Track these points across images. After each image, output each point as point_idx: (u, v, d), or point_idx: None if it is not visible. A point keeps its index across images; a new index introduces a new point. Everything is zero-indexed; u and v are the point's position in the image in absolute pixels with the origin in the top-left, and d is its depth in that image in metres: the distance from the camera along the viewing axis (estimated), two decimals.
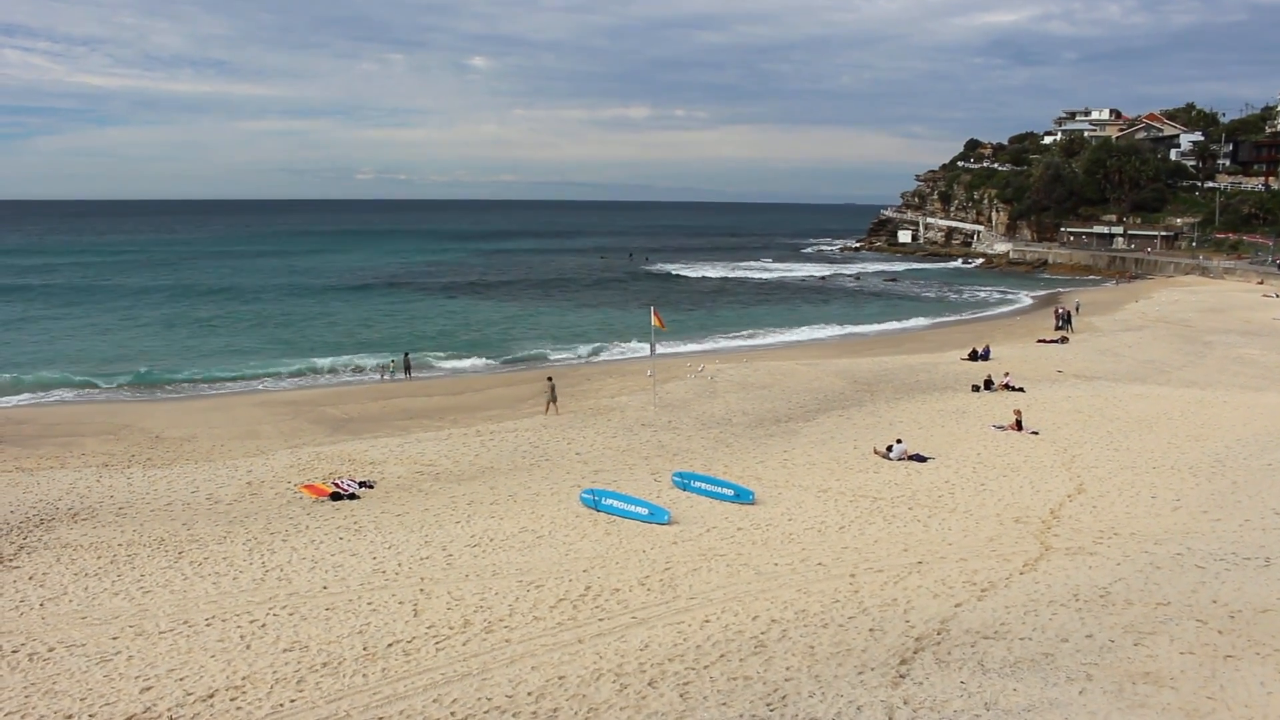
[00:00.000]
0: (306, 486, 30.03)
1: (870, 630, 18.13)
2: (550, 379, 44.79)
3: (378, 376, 54.39)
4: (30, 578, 22.18)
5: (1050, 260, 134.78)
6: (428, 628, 18.90)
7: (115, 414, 43.66)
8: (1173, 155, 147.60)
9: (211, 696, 16.10)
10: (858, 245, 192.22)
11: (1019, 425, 35.29)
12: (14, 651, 18.16)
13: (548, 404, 41.85)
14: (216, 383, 52.74)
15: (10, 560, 23.42)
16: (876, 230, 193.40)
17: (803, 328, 77.08)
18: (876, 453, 32.45)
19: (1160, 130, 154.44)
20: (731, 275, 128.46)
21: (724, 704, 15.33)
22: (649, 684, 16.13)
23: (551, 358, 61.73)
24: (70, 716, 15.58)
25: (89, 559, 23.41)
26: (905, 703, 15.12)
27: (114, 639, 18.65)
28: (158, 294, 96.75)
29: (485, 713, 15.31)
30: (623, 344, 66.41)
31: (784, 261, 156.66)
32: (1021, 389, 43.33)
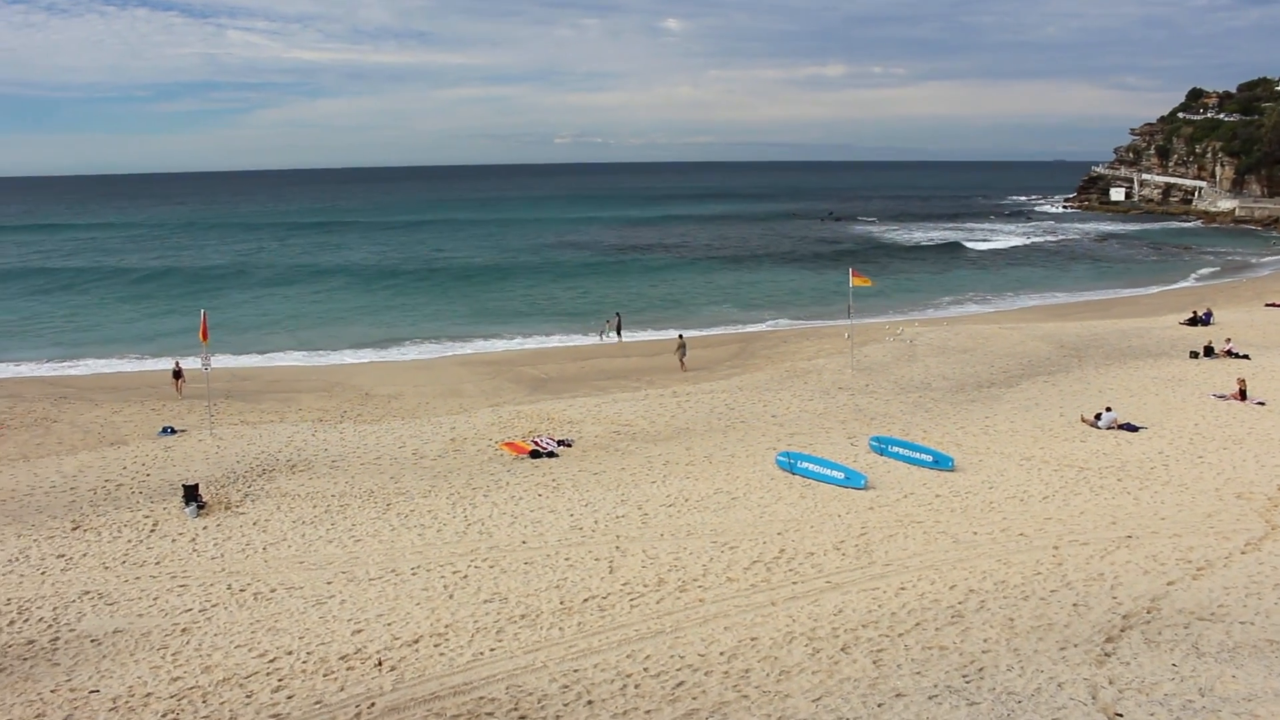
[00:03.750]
0: (507, 444, 30.87)
1: (1074, 605, 17.37)
2: (681, 336, 47.30)
3: (585, 338, 55.26)
4: (254, 523, 23.65)
5: None
6: (623, 585, 19.17)
7: (328, 372, 45.99)
8: None
9: (417, 642, 16.78)
10: (1066, 204, 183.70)
11: (1243, 395, 33.10)
12: (241, 590, 19.45)
13: (680, 361, 44.57)
14: (421, 343, 54.77)
15: (237, 507, 25.02)
16: (1086, 188, 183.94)
17: (1007, 290, 74.35)
18: (1084, 421, 31.06)
19: None
20: (932, 236, 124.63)
21: (918, 673, 14.98)
22: (842, 649, 15.92)
23: (747, 320, 61.49)
24: (290, 652, 16.54)
25: (305, 508, 24.77)
26: (1110, 682, 14.41)
27: (328, 583, 19.69)
28: (370, 266, 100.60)
29: (677, 670, 15.42)
30: (819, 305, 65.54)
31: (987, 222, 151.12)
32: (1246, 356, 40.67)
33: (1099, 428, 30.31)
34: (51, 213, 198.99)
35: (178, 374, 41.15)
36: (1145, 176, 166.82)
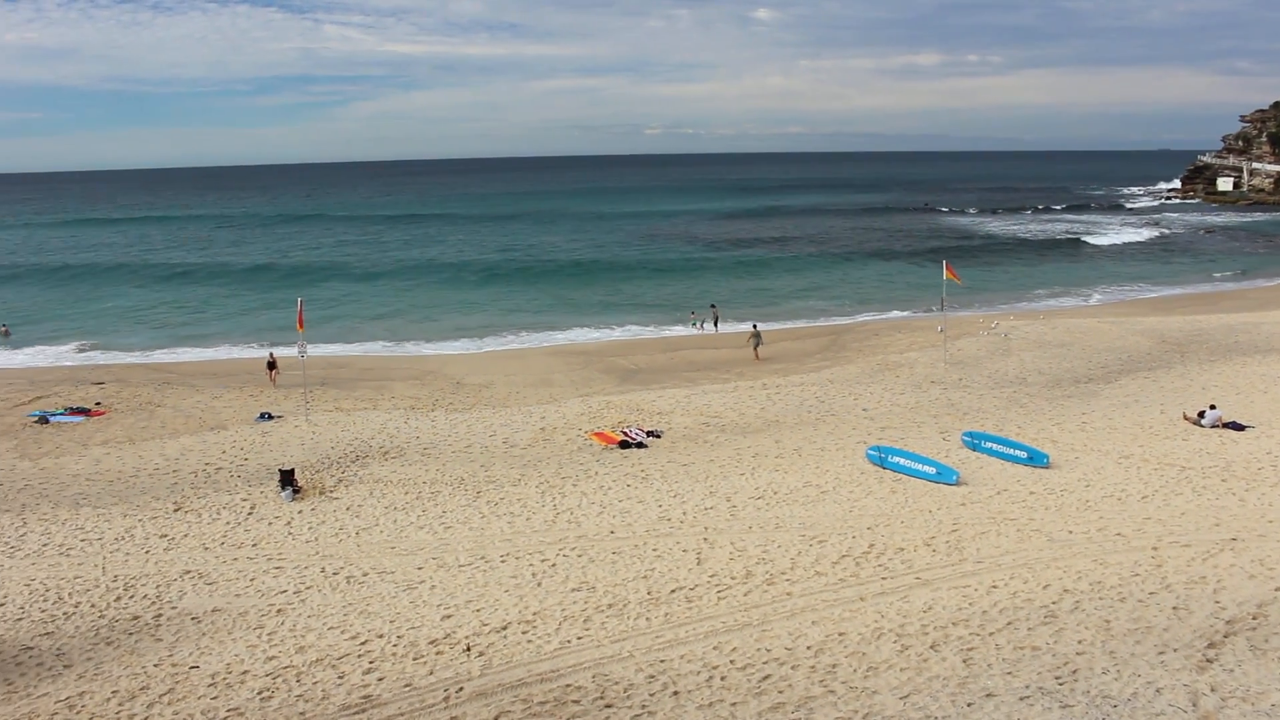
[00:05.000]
0: (596, 434, 31.01)
1: (1174, 608, 16.84)
2: (755, 325, 47.78)
3: (675, 329, 55.30)
4: (347, 508, 24.10)
5: None
6: (710, 576, 19.12)
7: (420, 361, 46.69)
8: None
9: (505, 628, 16.94)
10: (1170, 195, 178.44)
11: None
12: (335, 574, 19.85)
13: (755, 350, 45.56)
14: (514, 333, 55.30)
15: (331, 491, 25.52)
16: (1192, 178, 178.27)
17: (1105, 283, 72.49)
18: (1186, 419, 30.11)
19: None
20: (1029, 227, 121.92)
21: (1009, 673, 14.68)
22: (931, 647, 15.67)
23: (839, 312, 60.97)
24: (381, 635, 16.83)
25: (397, 494, 25.16)
26: (1212, 689, 13.94)
27: (419, 569, 19.99)
28: (464, 259, 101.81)
29: (764, 663, 15.33)
30: (912, 298, 64.62)
31: (1087, 213, 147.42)
32: None
33: (1202, 426, 29.37)
34: (159, 205, 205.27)
35: (271, 365, 41.98)
36: (1256, 165, 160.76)
